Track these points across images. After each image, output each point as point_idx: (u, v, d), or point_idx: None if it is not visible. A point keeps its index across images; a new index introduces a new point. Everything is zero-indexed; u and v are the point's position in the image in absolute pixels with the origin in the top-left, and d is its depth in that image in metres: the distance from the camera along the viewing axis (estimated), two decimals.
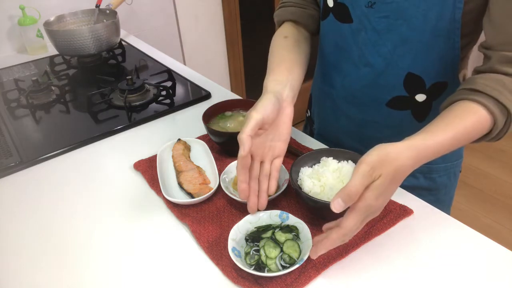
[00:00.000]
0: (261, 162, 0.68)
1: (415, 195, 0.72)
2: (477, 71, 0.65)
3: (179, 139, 0.85)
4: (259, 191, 0.66)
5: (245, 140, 0.60)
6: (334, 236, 0.52)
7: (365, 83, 0.79)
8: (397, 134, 0.83)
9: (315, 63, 0.96)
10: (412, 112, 0.79)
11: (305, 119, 1.10)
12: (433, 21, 0.67)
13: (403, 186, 0.89)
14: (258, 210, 0.65)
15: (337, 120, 0.90)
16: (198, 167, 0.78)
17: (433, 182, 0.87)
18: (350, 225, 0.51)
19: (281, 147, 0.68)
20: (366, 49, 0.76)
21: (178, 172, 0.77)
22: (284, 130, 0.68)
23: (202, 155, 0.83)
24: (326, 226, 0.57)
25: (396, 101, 0.78)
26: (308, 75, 0.87)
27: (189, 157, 0.82)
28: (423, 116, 0.79)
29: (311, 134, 1.03)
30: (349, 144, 0.90)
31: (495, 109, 0.59)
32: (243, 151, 0.60)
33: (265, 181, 0.67)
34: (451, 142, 0.57)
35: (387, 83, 0.77)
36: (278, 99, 0.66)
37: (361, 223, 0.52)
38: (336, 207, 0.50)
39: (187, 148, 0.84)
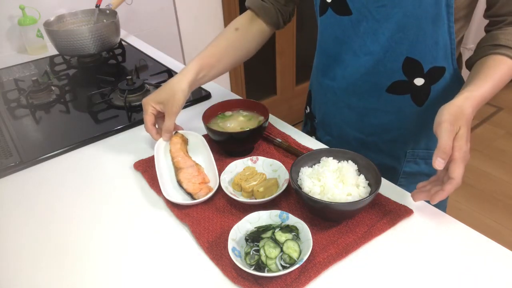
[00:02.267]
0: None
1: (417, 181, 0.72)
2: (487, 31, 0.75)
3: (176, 132, 0.85)
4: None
5: (155, 135, 0.83)
6: (449, 187, 0.60)
7: (365, 71, 0.82)
8: (398, 121, 0.85)
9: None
10: (412, 96, 0.81)
11: (304, 116, 1.10)
12: (428, 8, 0.70)
13: (405, 172, 0.91)
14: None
15: (339, 112, 0.91)
16: (197, 164, 0.78)
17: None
18: (460, 173, 0.59)
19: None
20: (367, 38, 0.78)
21: (177, 169, 0.77)
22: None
23: (200, 149, 0.83)
24: (421, 184, 0.67)
25: (395, 86, 0.81)
26: (299, 79, 0.92)
27: (187, 151, 0.82)
28: (422, 101, 0.82)
29: (313, 130, 1.04)
30: (351, 134, 0.92)
31: None
32: (154, 138, 0.83)
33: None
34: (492, 90, 0.67)
35: (386, 69, 0.80)
36: (188, 92, 0.83)
37: (464, 169, 0.60)
38: (439, 165, 0.59)
39: (184, 141, 0.84)
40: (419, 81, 0.79)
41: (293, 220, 0.63)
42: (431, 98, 0.81)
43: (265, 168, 0.77)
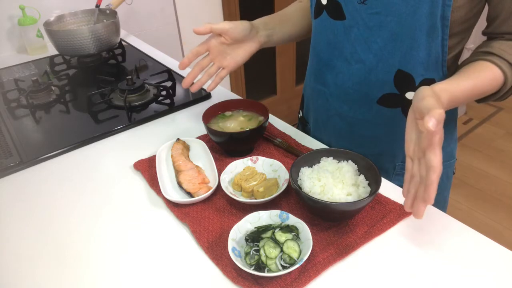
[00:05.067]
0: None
1: None
2: (484, 33, 0.74)
3: (178, 139, 0.85)
4: (201, 80, 0.87)
5: (206, 28, 0.82)
6: (433, 176, 0.54)
7: (357, 80, 0.81)
8: (388, 133, 0.84)
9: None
10: (402, 110, 0.80)
11: (298, 120, 1.10)
12: (423, 18, 0.69)
13: (399, 184, 0.89)
14: (189, 86, 0.86)
15: (329, 119, 0.90)
16: (197, 166, 0.78)
17: None
18: (440, 159, 0.54)
19: (230, 64, 0.87)
20: (358, 45, 0.77)
21: (177, 172, 0.77)
22: (239, 56, 0.87)
23: (201, 155, 0.83)
24: (404, 190, 0.60)
25: (386, 99, 0.79)
26: (299, 79, 0.94)
27: (188, 156, 0.83)
28: None
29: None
30: (340, 144, 0.90)
31: (508, 70, 0.67)
32: (202, 30, 0.82)
33: (206, 76, 0.87)
34: (471, 90, 0.65)
35: (378, 80, 0.78)
36: (251, 31, 0.84)
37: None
38: (433, 126, 0.52)
39: (186, 147, 0.84)
40: (410, 95, 0.77)
41: (293, 220, 0.63)
42: None
43: (265, 168, 0.77)
